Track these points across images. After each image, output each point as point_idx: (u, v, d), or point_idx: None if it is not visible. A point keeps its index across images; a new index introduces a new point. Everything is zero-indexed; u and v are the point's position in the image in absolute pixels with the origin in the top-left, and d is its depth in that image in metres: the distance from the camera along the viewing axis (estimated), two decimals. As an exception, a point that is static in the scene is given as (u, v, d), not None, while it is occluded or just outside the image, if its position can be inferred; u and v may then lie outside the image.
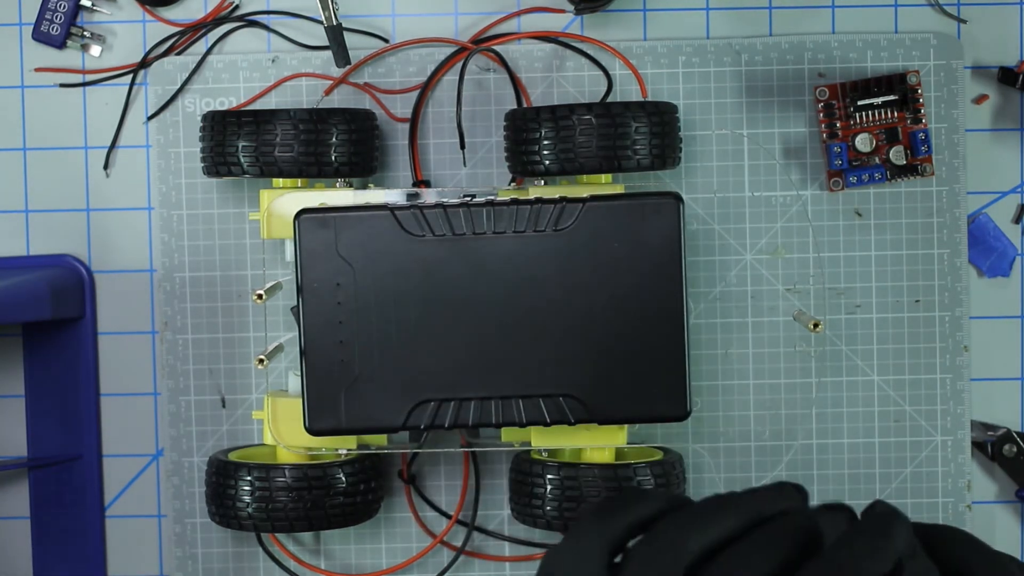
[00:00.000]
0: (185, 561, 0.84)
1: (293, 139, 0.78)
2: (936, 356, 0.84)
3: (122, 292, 0.85)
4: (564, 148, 0.76)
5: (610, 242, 0.74)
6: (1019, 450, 0.84)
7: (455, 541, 0.84)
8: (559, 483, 0.76)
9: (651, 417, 0.75)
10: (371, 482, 0.80)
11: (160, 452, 0.85)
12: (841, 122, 0.82)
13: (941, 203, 0.84)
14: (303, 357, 0.75)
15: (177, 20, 0.85)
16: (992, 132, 0.85)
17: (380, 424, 0.75)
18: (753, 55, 0.84)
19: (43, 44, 0.85)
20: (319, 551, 0.85)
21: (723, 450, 0.84)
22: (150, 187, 0.85)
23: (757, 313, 0.84)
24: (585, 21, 0.84)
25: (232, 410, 0.84)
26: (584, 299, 0.74)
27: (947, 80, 0.83)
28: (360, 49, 0.84)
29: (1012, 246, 0.85)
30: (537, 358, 0.74)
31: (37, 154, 0.85)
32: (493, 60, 0.84)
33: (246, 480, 0.77)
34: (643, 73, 0.83)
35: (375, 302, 0.74)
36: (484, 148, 0.84)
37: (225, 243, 0.84)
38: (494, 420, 0.74)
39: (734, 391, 0.84)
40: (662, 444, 0.82)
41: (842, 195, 0.84)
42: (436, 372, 0.74)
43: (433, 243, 0.74)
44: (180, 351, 0.84)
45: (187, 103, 0.84)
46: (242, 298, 0.84)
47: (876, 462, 0.84)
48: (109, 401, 0.85)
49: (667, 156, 0.78)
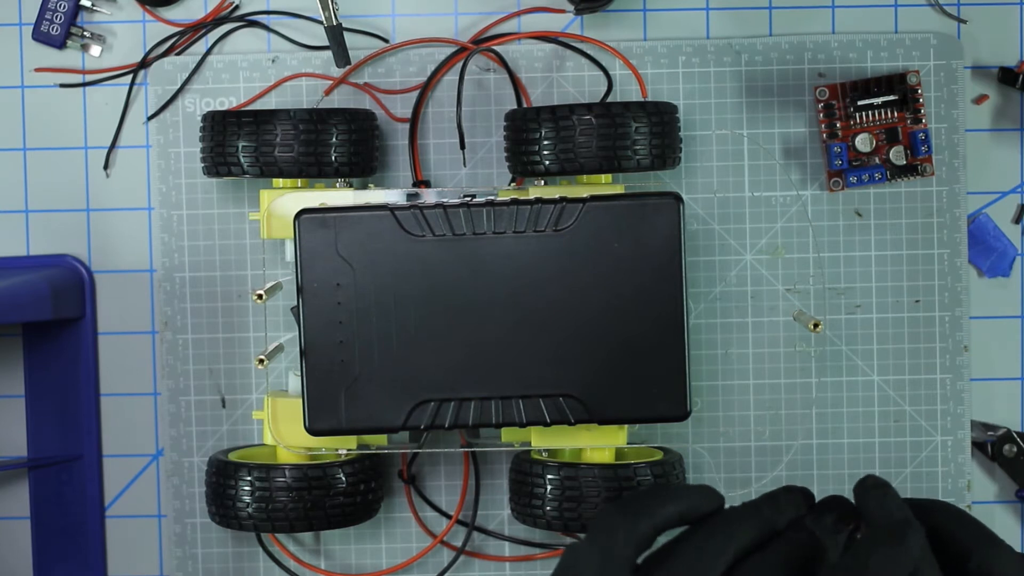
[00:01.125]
0: (185, 561, 0.84)
1: (293, 139, 0.78)
2: (936, 356, 0.84)
3: (122, 292, 0.85)
4: (564, 148, 0.76)
5: (610, 242, 0.74)
6: (1019, 450, 0.84)
7: (455, 541, 0.84)
8: (559, 483, 0.76)
9: (651, 417, 0.75)
10: (371, 482, 0.80)
11: (160, 452, 0.85)
12: (841, 122, 0.82)
13: (941, 203, 0.83)
14: (303, 357, 0.75)
15: (177, 20, 0.85)
16: (992, 132, 0.85)
17: (380, 424, 0.75)
18: (753, 55, 0.84)
19: (43, 44, 0.85)
20: (319, 551, 0.85)
21: (723, 450, 0.84)
22: (150, 187, 0.85)
23: (757, 313, 0.84)
24: (585, 21, 0.84)
25: (232, 410, 0.84)
26: (584, 299, 0.74)
27: (947, 80, 0.83)
28: (360, 49, 0.84)
29: (1012, 246, 0.85)
30: (537, 358, 0.74)
31: (37, 154, 0.85)
32: (493, 60, 0.84)
33: (246, 480, 0.77)
34: (643, 73, 0.83)
35: (375, 302, 0.74)
36: (484, 148, 0.84)
37: (225, 243, 0.84)
38: (494, 420, 0.74)
39: (734, 391, 0.84)
40: (662, 444, 0.82)
41: (842, 195, 0.84)
42: (436, 372, 0.74)
43: (433, 243, 0.74)
44: (180, 351, 0.84)
45: (187, 103, 0.84)
46: (242, 298, 0.84)
47: (876, 462, 0.84)
48: (109, 401, 0.85)
49: (667, 156, 0.78)
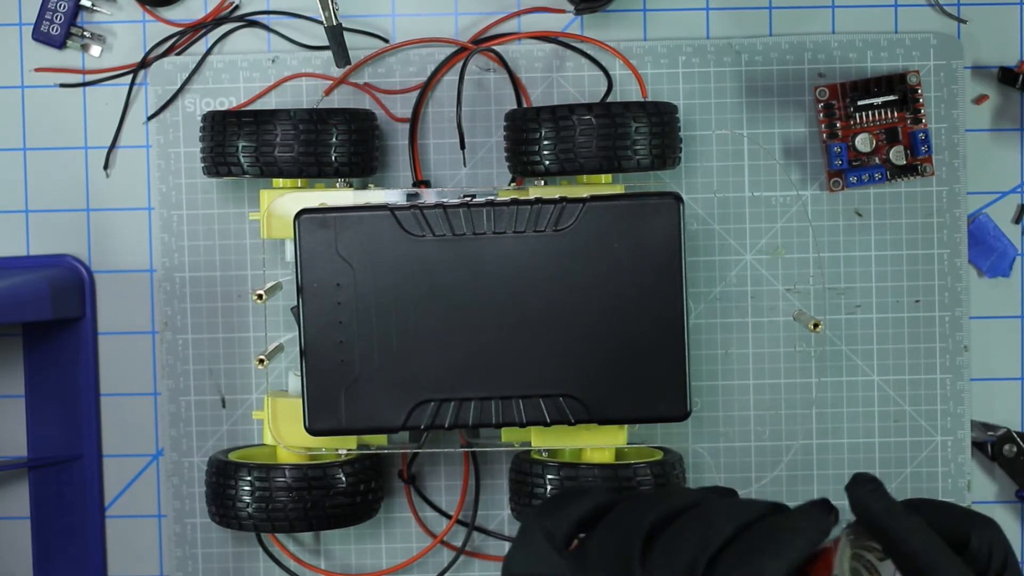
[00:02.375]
0: (185, 561, 0.84)
1: (293, 139, 0.78)
2: (936, 356, 0.84)
3: (122, 292, 0.85)
4: (564, 148, 0.76)
5: (610, 242, 0.74)
6: (1019, 450, 0.84)
7: (455, 541, 0.84)
8: (559, 483, 0.76)
9: (651, 417, 0.75)
10: (371, 482, 0.80)
11: (160, 452, 0.85)
12: (841, 122, 0.82)
13: (941, 203, 0.83)
14: (303, 357, 0.75)
15: (177, 20, 0.85)
16: (992, 132, 0.85)
17: (380, 424, 0.75)
18: (753, 55, 0.84)
19: (43, 44, 0.85)
20: (319, 551, 0.85)
21: (723, 450, 0.84)
22: (150, 187, 0.85)
23: (757, 313, 0.84)
24: (585, 21, 0.84)
25: (232, 410, 0.84)
26: (584, 299, 0.74)
27: (947, 80, 0.83)
28: (360, 49, 0.84)
29: (1012, 246, 0.85)
30: (537, 358, 0.74)
31: (37, 154, 0.85)
32: (493, 60, 0.84)
33: (246, 480, 0.77)
34: (643, 73, 0.83)
35: (375, 302, 0.74)
36: (484, 148, 0.84)
37: (225, 243, 0.84)
38: (494, 420, 0.74)
39: (734, 391, 0.84)
40: (662, 444, 0.82)
41: (842, 195, 0.84)
42: (436, 372, 0.74)
43: (433, 243, 0.74)
44: (180, 351, 0.84)
45: (187, 103, 0.84)
46: (242, 298, 0.84)
47: (876, 462, 0.84)
48: (109, 401, 0.85)
49: (667, 156, 0.78)
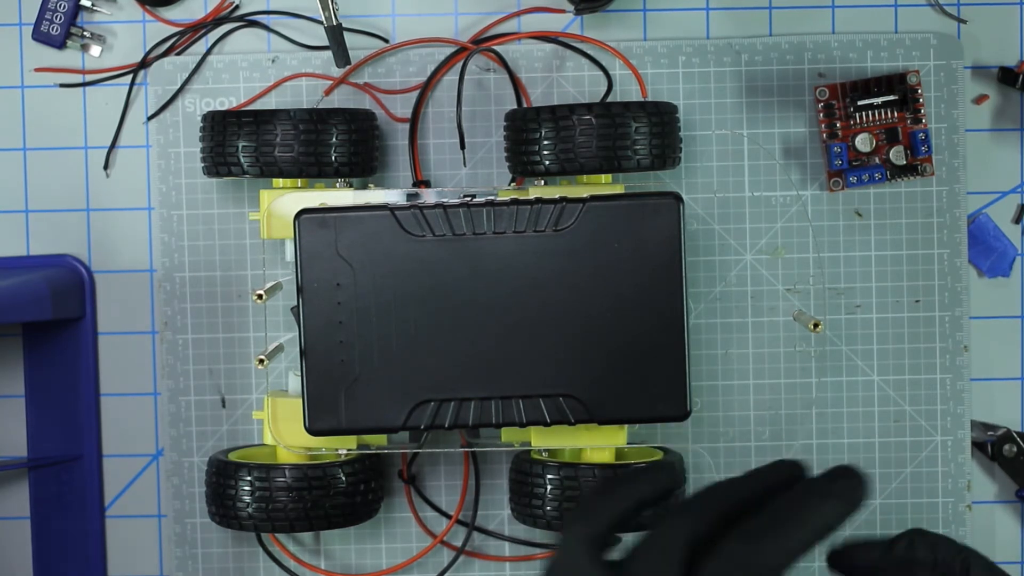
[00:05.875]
0: (185, 561, 0.84)
1: (293, 139, 0.78)
2: (936, 356, 0.84)
3: (122, 292, 0.85)
4: (564, 148, 0.76)
5: (610, 242, 0.74)
6: (1019, 450, 0.84)
7: (455, 541, 0.84)
8: (559, 483, 0.76)
9: (651, 417, 0.75)
10: (371, 482, 0.80)
11: (160, 452, 0.85)
12: (841, 122, 0.82)
13: (941, 203, 0.83)
14: (303, 357, 0.75)
15: (177, 20, 0.85)
16: (992, 132, 0.85)
17: (380, 424, 0.75)
18: (753, 55, 0.84)
19: (43, 44, 0.85)
20: (319, 551, 0.85)
21: (723, 450, 0.84)
22: (150, 187, 0.85)
23: (757, 313, 0.84)
24: (585, 21, 0.84)
25: (232, 410, 0.84)
26: (584, 299, 0.74)
27: (947, 80, 0.83)
28: (360, 49, 0.84)
29: (1012, 246, 0.85)
30: (537, 358, 0.74)
31: (37, 154, 0.85)
32: (493, 60, 0.84)
33: (246, 480, 0.77)
34: (643, 73, 0.83)
35: (375, 302, 0.74)
36: (484, 148, 0.84)
37: (225, 243, 0.84)
38: (494, 420, 0.74)
39: (734, 391, 0.84)
40: (662, 444, 0.82)
41: (842, 195, 0.84)
42: (436, 372, 0.74)
43: (433, 243, 0.74)
44: (180, 351, 0.84)
45: (187, 103, 0.84)
46: (242, 298, 0.84)
47: (876, 462, 0.84)
48: (109, 401, 0.85)
49: (667, 156, 0.78)
